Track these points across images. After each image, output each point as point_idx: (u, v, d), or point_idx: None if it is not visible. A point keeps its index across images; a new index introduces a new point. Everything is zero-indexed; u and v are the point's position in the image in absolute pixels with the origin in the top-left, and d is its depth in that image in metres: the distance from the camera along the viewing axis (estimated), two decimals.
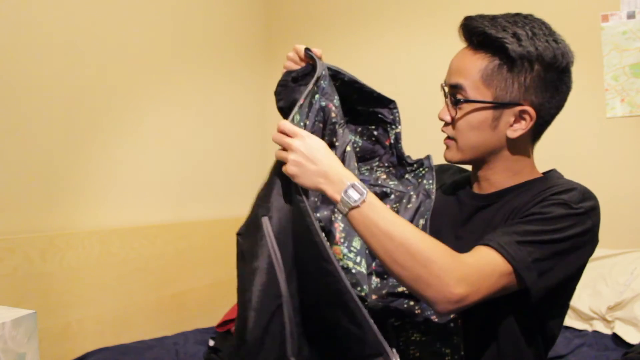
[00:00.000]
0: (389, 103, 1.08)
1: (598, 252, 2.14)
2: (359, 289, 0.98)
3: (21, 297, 1.55)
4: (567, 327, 1.99)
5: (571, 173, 2.64)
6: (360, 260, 1.01)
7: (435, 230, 1.04)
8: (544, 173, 1.04)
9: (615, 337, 1.84)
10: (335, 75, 1.02)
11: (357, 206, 0.80)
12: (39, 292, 1.61)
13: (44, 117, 1.74)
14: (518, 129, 0.95)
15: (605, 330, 1.90)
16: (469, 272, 0.79)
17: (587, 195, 0.90)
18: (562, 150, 2.34)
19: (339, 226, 1.02)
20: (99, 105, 1.94)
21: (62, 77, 1.80)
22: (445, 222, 1.06)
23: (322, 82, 0.98)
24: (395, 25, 2.76)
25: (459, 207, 1.06)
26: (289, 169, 0.84)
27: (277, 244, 0.89)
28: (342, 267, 0.94)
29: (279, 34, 3.06)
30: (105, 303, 1.85)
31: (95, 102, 1.93)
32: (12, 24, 1.64)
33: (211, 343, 1.97)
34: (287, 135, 0.86)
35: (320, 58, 0.99)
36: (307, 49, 0.98)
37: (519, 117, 0.94)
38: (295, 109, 0.89)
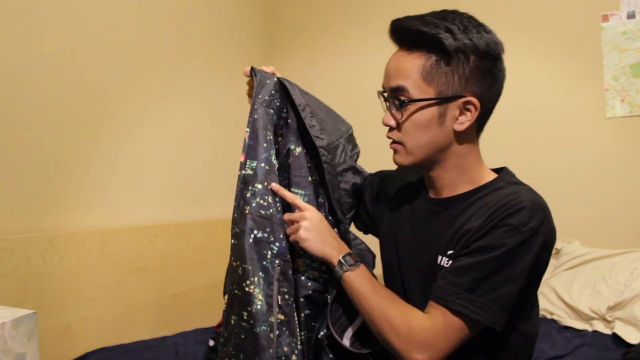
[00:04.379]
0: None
1: (598, 252, 2.16)
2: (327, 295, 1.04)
3: (21, 297, 1.54)
4: (567, 327, 1.99)
5: (571, 173, 2.62)
6: (321, 265, 1.05)
7: (394, 234, 1.07)
8: (495, 170, 1.02)
9: (615, 337, 1.83)
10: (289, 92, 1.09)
11: (351, 270, 0.95)
12: (39, 292, 1.61)
13: (44, 117, 1.74)
14: (465, 121, 0.95)
15: (605, 330, 1.90)
16: (428, 338, 0.87)
17: (535, 209, 0.88)
18: (562, 150, 2.34)
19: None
20: (98, 105, 1.94)
21: (62, 77, 1.80)
22: (402, 225, 1.06)
23: (260, 95, 1.06)
24: None
25: (414, 210, 1.06)
26: (301, 234, 0.99)
27: None
28: (308, 277, 1.04)
29: (279, 35, 3.06)
30: (105, 303, 1.85)
31: (95, 102, 1.93)
32: (12, 24, 1.64)
33: (211, 343, 1.97)
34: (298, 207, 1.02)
35: (273, 73, 1.10)
36: (252, 68, 1.09)
37: (464, 109, 0.95)
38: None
